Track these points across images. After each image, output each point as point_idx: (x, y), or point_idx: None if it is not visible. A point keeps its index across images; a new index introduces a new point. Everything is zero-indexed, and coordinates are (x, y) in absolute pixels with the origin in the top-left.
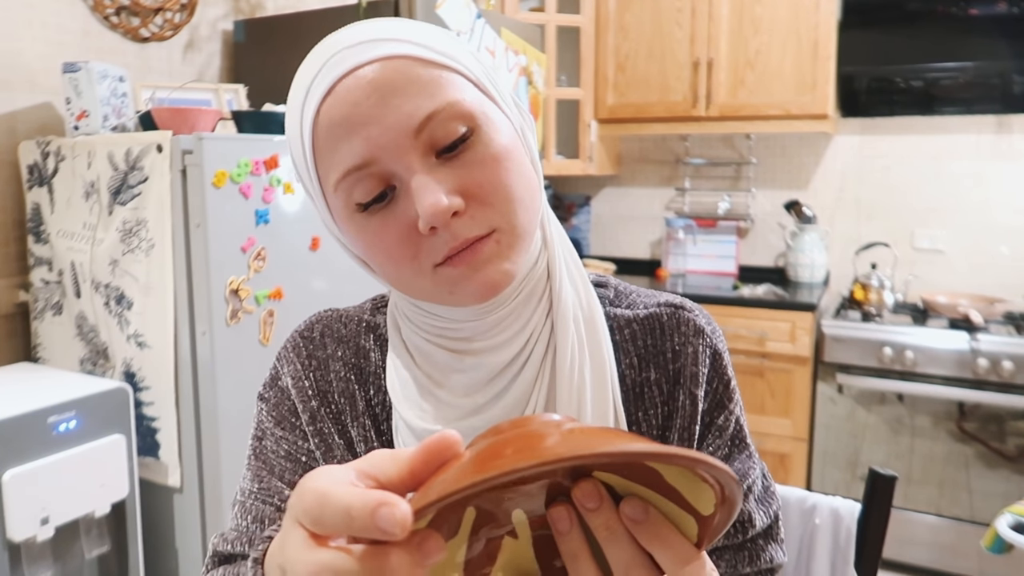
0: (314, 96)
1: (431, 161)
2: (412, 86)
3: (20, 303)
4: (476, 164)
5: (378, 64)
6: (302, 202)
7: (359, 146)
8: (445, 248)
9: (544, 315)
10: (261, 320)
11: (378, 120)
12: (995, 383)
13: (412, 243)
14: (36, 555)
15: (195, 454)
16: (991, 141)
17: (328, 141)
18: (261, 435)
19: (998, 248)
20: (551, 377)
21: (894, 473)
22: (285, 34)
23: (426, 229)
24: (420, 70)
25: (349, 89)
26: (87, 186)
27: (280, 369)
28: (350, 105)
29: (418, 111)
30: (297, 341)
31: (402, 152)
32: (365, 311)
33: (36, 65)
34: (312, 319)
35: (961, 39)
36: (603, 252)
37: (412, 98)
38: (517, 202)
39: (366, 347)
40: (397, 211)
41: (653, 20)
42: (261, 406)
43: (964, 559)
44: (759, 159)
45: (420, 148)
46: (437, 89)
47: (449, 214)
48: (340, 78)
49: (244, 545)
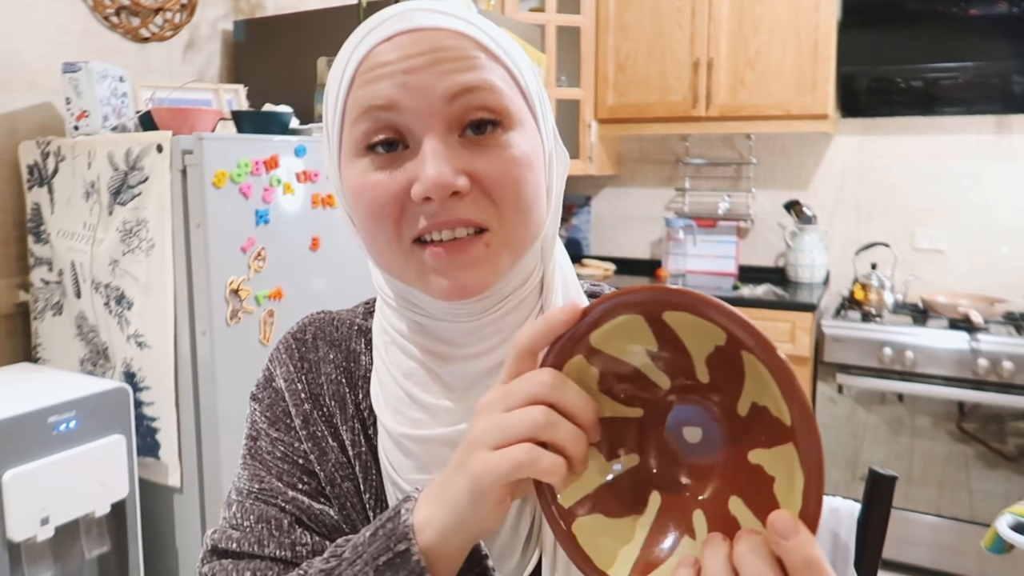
0: (371, 39)
1: (452, 137)
2: (466, 62)
3: (20, 303)
4: (494, 157)
5: (443, 33)
6: (302, 202)
7: (392, 89)
8: (431, 219)
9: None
10: (261, 320)
11: (419, 74)
12: (995, 383)
13: (399, 205)
14: (36, 555)
15: (195, 454)
16: (991, 141)
17: (367, 75)
18: (256, 435)
19: (998, 248)
20: None
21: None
22: (285, 34)
23: (419, 197)
24: (480, 54)
25: (406, 42)
26: (87, 186)
27: (273, 370)
28: (401, 53)
29: (460, 81)
30: (290, 343)
31: (429, 113)
32: (357, 315)
33: (36, 65)
34: (305, 321)
35: (961, 39)
36: (603, 252)
37: (460, 72)
38: (520, 211)
39: (357, 350)
40: (398, 168)
41: (653, 20)
42: (255, 406)
43: (964, 559)
44: (759, 159)
45: (447, 117)
46: (486, 74)
47: (451, 190)
48: (402, 31)
49: (253, 545)
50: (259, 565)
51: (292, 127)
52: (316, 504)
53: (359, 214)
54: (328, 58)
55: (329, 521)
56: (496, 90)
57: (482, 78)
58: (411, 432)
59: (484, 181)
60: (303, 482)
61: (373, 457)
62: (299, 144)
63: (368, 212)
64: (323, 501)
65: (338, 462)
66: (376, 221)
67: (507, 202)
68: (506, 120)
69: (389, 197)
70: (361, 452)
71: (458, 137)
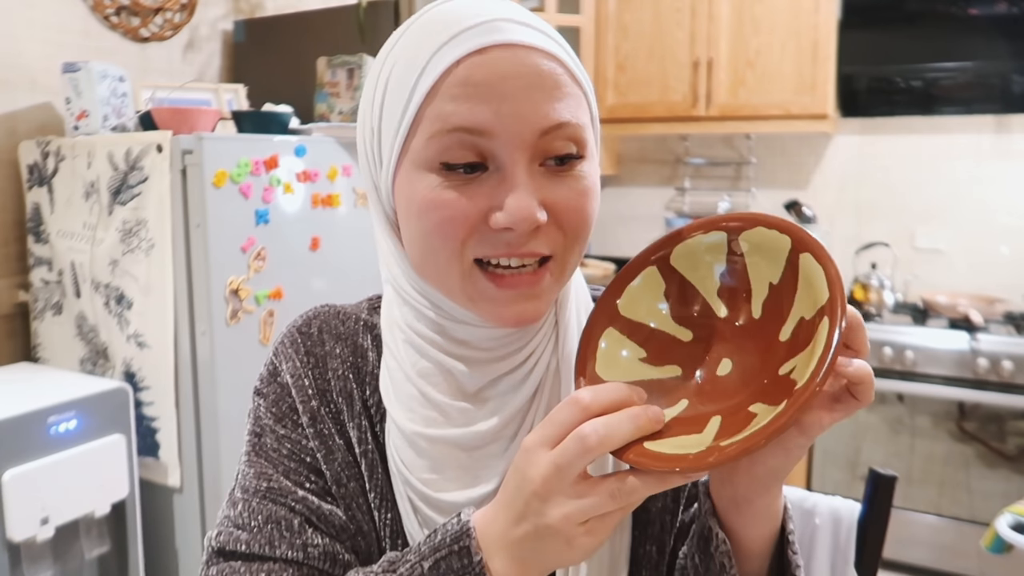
0: (460, 46)
1: (535, 166)
2: (558, 91)
3: (20, 303)
4: (570, 189)
5: (537, 53)
6: (302, 202)
7: (485, 114)
8: (505, 247)
9: (547, 338)
10: (261, 320)
11: (516, 102)
12: (995, 383)
13: (469, 227)
14: (36, 555)
15: (195, 454)
16: (991, 141)
17: (455, 91)
18: (260, 431)
19: (998, 248)
20: (551, 393)
21: (894, 473)
22: (285, 34)
23: (501, 226)
24: (567, 80)
25: (502, 59)
26: (87, 186)
27: (278, 364)
28: (497, 74)
29: (554, 114)
30: (295, 336)
31: (519, 143)
32: (363, 310)
33: (36, 65)
34: (309, 314)
35: (961, 39)
36: (603, 252)
37: (553, 102)
38: (582, 240)
39: (364, 346)
40: (474, 191)
41: (653, 20)
42: (259, 401)
43: (964, 559)
44: (759, 159)
45: (534, 149)
46: (574, 105)
47: (535, 225)
48: (497, 45)
49: (264, 547)
50: (272, 567)
51: (292, 127)
52: (325, 504)
53: (421, 227)
54: (328, 58)
55: (338, 522)
56: (579, 124)
57: (574, 114)
58: (425, 431)
59: (559, 213)
60: (311, 481)
61: (379, 455)
62: (299, 144)
63: (436, 228)
64: (330, 501)
65: (344, 461)
66: (443, 238)
67: (575, 233)
68: (582, 151)
69: (463, 219)
70: (368, 450)
71: (539, 166)
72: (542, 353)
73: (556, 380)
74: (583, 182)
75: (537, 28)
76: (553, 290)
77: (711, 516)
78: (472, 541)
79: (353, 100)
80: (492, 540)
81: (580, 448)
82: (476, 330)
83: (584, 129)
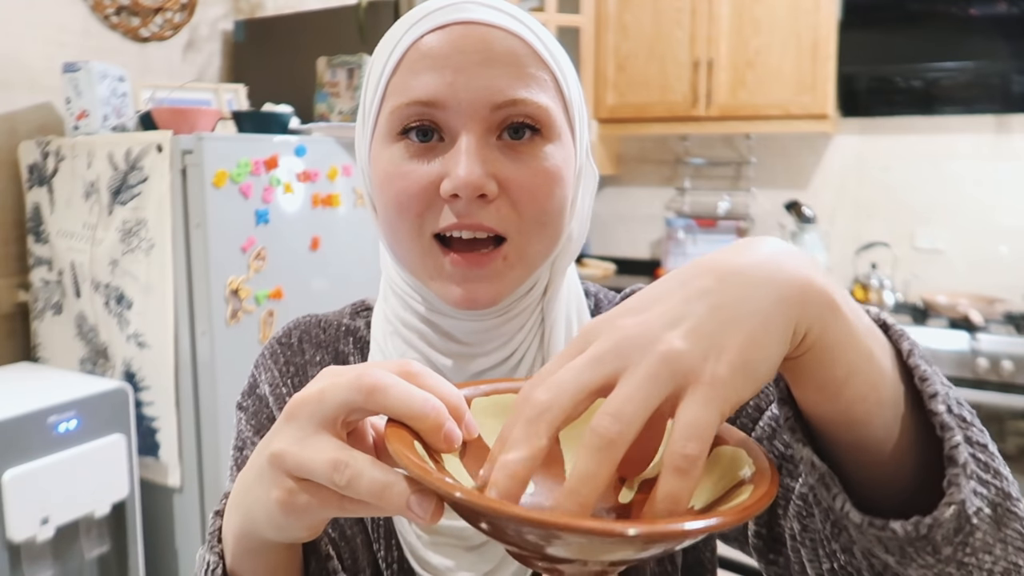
0: (424, 25)
1: (490, 138)
2: (516, 70)
3: (20, 303)
4: (526, 165)
5: (498, 31)
6: (302, 202)
7: (438, 86)
8: (452, 218)
9: (533, 334)
10: (261, 320)
11: (469, 75)
12: (995, 383)
13: (426, 197)
14: (36, 555)
15: (195, 454)
16: (991, 141)
17: (414, 64)
18: (242, 445)
19: (998, 248)
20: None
21: None
22: (285, 34)
23: (447, 194)
24: (532, 62)
25: (461, 35)
26: (87, 186)
27: (258, 377)
28: (454, 48)
29: (509, 90)
30: (275, 348)
31: (471, 114)
32: (344, 315)
33: (36, 65)
34: (290, 325)
35: (961, 39)
36: (603, 252)
37: (510, 79)
38: (540, 224)
39: (345, 352)
40: (431, 160)
41: (653, 20)
42: (240, 415)
43: None
44: (759, 159)
45: (488, 121)
46: (535, 86)
47: (479, 192)
48: (458, 22)
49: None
50: None
51: (292, 127)
52: None
53: (384, 201)
54: (328, 58)
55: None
56: (539, 104)
57: (534, 95)
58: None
59: (512, 189)
60: None
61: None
62: (299, 144)
63: (394, 201)
64: None
65: None
66: (400, 211)
67: (530, 214)
68: (545, 130)
69: (417, 188)
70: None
71: (495, 139)
72: (527, 350)
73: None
74: (543, 162)
75: (503, 10)
76: (509, 277)
77: (790, 434)
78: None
79: (353, 100)
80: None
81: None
82: (458, 323)
83: (547, 111)
